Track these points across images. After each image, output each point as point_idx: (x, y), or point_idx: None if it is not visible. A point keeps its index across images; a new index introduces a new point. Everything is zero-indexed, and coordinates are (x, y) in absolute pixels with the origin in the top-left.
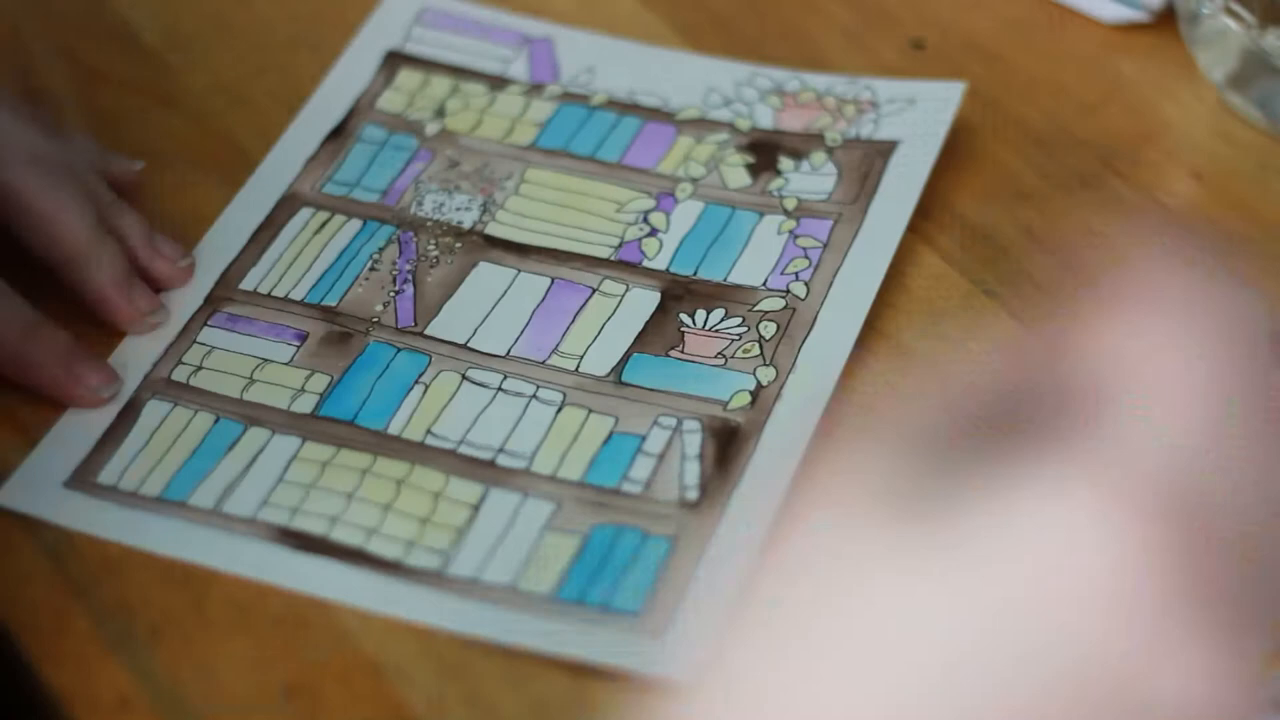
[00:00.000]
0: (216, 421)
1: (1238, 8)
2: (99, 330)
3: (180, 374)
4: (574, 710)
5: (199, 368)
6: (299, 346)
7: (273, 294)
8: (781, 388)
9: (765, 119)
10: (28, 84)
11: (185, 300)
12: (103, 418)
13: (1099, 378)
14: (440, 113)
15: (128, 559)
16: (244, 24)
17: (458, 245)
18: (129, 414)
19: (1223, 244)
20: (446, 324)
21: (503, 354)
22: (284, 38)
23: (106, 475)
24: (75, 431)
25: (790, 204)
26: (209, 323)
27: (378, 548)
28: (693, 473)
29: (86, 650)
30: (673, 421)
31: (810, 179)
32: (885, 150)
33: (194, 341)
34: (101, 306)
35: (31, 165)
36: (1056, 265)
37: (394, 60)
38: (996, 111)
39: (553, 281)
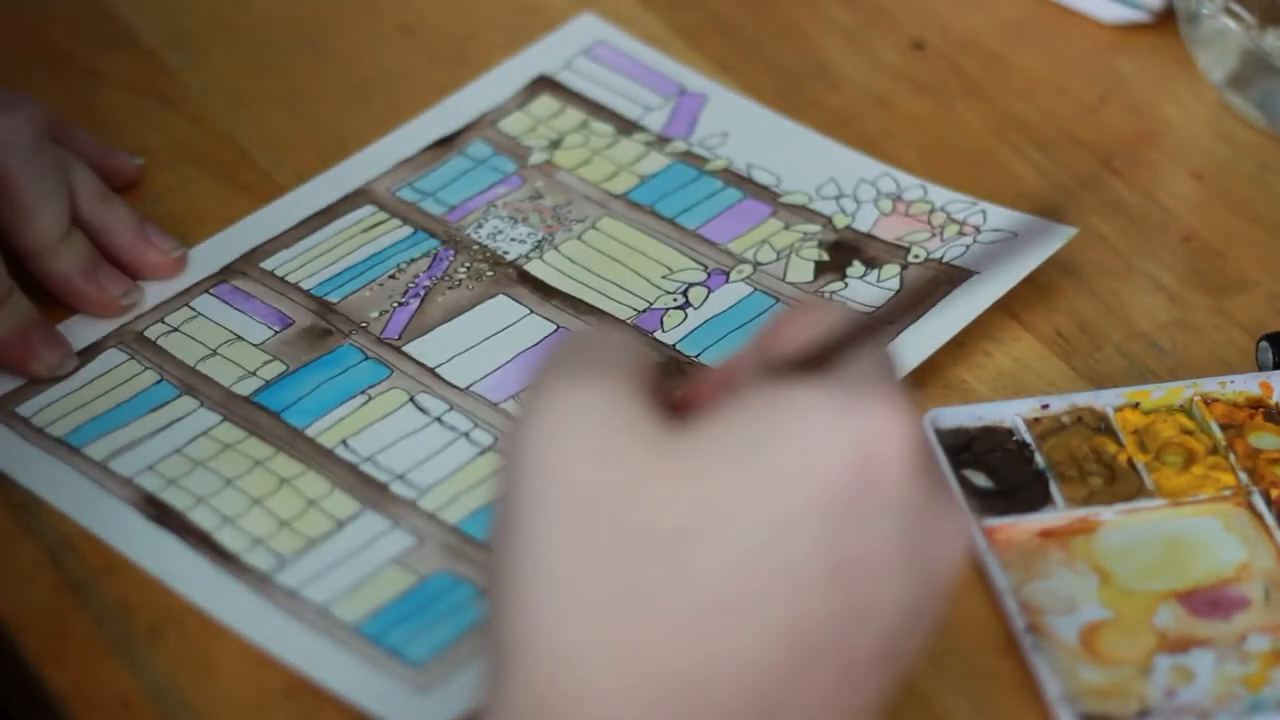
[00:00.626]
0: (157, 382)
1: (1238, 8)
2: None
3: (153, 332)
4: None
5: (174, 330)
6: (277, 332)
7: (286, 279)
8: None
9: (866, 221)
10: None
11: (202, 265)
12: None
13: None
14: (556, 144)
15: (128, 558)
16: (244, 24)
17: (488, 274)
18: (83, 356)
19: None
20: (427, 345)
21: (462, 386)
22: (284, 38)
23: (27, 408)
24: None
25: None
26: (210, 291)
27: (224, 537)
28: None
29: (86, 650)
30: None
31: (868, 289)
32: (958, 278)
33: (185, 305)
34: (68, 295)
35: (24, 153)
36: (1057, 265)
37: (540, 84)
38: (996, 111)
39: (556, 329)
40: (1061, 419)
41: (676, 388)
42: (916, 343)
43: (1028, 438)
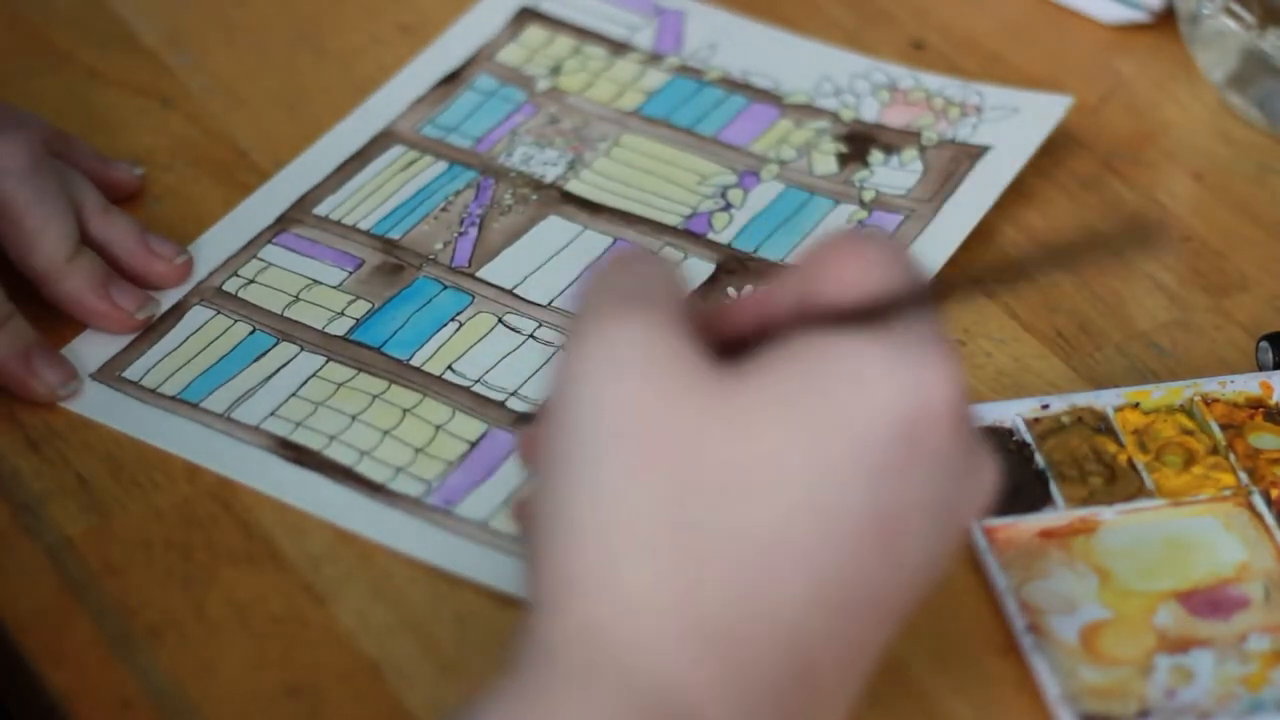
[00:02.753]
0: (252, 333)
1: (1238, 8)
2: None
3: (232, 285)
4: None
5: (251, 281)
6: (351, 273)
7: (342, 222)
8: None
9: (870, 112)
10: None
11: (255, 219)
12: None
13: None
14: (556, 70)
15: (128, 558)
16: (244, 24)
17: (533, 197)
18: (171, 317)
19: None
20: (499, 269)
21: (545, 304)
22: (284, 38)
23: (133, 371)
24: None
25: (868, 196)
26: (274, 241)
27: (367, 469)
28: None
29: (86, 650)
30: None
31: (896, 174)
32: (975, 154)
33: (254, 257)
34: (82, 314)
35: (25, 177)
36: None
37: (525, 16)
38: None
39: (614, 241)
40: (1061, 419)
41: (713, 317)
42: (945, 229)
43: (1028, 438)
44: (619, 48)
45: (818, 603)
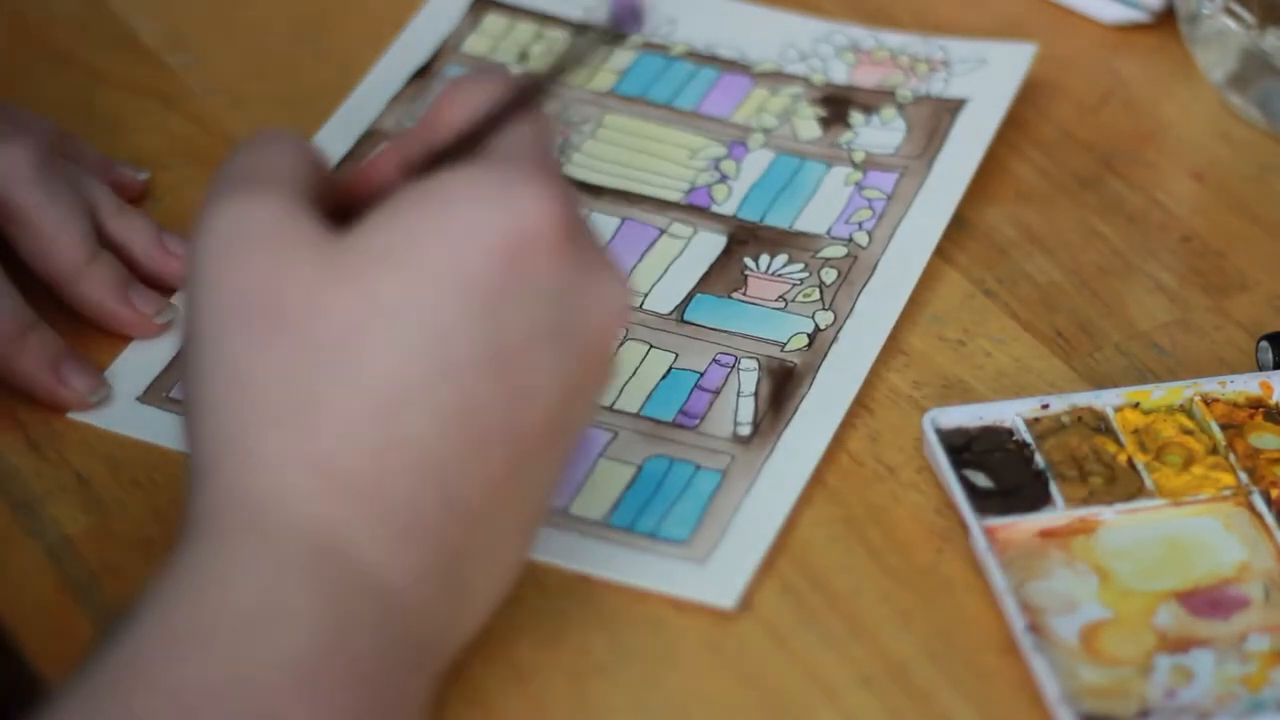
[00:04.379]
0: None
1: (1238, 8)
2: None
3: None
4: (573, 713)
5: None
6: None
7: None
8: (839, 331)
9: (839, 74)
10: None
11: None
12: (174, 339)
13: None
14: (524, 57)
15: (128, 558)
16: (244, 24)
17: None
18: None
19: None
20: None
21: None
22: (284, 38)
23: (179, 390)
24: (148, 352)
25: (859, 157)
26: None
27: None
28: (747, 409)
29: (87, 650)
30: (731, 359)
31: (879, 133)
32: (954, 107)
33: None
34: (101, 319)
35: (35, 181)
36: (1056, 265)
37: (481, 5)
38: None
39: (622, 221)
40: (1061, 419)
41: (338, 189)
42: (944, 183)
43: (1028, 438)
44: (580, 29)
45: (447, 436)
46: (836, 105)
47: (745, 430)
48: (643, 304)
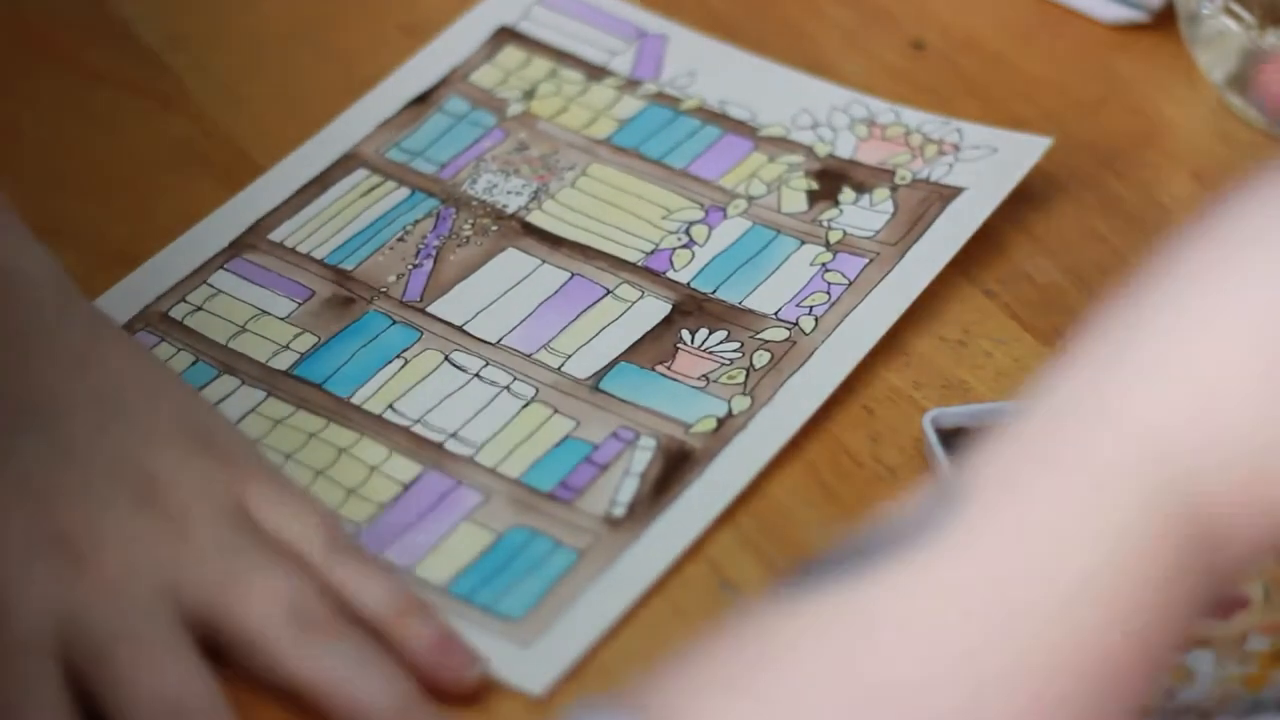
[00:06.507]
0: (194, 363)
1: (1238, 8)
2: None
3: (178, 312)
4: None
5: (198, 309)
6: (300, 304)
7: (297, 249)
8: (749, 419)
9: (845, 147)
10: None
11: (209, 242)
12: None
13: None
14: (530, 94)
15: None
16: (244, 24)
17: (493, 228)
18: None
19: None
20: (451, 303)
21: (493, 341)
22: (284, 38)
23: None
24: None
25: (835, 237)
26: (225, 267)
27: None
28: (629, 489)
29: None
30: (631, 435)
31: (864, 214)
32: (948, 195)
33: (204, 283)
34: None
35: (291, 628)
36: (1056, 265)
37: (502, 36)
38: (996, 112)
39: (571, 277)
40: None
41: None
42: (907, 276)
43: None
44: (596, 72)
45: None
46: (831, 179)
47: (619, 511)
48: (562, 367)
